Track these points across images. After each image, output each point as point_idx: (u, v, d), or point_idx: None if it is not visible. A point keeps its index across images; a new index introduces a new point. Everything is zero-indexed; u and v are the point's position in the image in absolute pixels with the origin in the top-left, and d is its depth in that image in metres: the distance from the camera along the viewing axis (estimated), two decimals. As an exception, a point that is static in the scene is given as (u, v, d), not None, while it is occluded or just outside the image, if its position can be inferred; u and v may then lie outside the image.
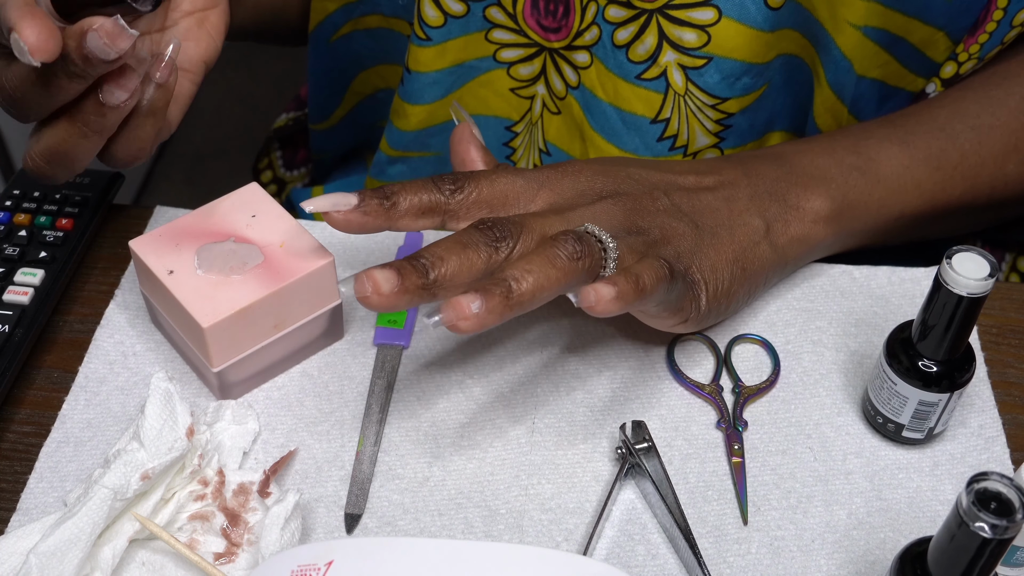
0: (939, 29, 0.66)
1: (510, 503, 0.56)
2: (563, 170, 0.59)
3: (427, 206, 0.55)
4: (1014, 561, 0.50)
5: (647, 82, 0.68)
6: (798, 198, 0.62)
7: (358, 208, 0.54)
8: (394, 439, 0.58)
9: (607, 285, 0.48)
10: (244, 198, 0.61)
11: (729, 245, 0.59)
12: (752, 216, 0.61)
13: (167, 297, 0.57)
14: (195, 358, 0.59)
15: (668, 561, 0.54)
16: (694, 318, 0.57)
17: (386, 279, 0.49)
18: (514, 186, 0.57)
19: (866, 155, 0.64)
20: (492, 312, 0.48)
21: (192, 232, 0.59)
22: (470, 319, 0.48)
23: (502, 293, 0.48)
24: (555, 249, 0.50)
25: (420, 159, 0.78)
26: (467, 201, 0.56)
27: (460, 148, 0.60)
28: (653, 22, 0.66)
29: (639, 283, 0.50)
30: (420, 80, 0.73)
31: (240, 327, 0.56)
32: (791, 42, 0.67)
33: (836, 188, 0.63)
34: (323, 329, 0.61)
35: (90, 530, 0.50)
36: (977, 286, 0.50)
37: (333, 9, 0.77)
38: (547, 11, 0.68)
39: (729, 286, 0.59)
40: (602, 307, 0.48)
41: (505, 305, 0.48)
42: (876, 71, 0.67)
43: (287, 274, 0.57)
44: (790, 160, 0.64)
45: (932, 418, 0.56)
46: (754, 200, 0.61)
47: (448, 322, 0.48)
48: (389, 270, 0.49)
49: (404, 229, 0.56)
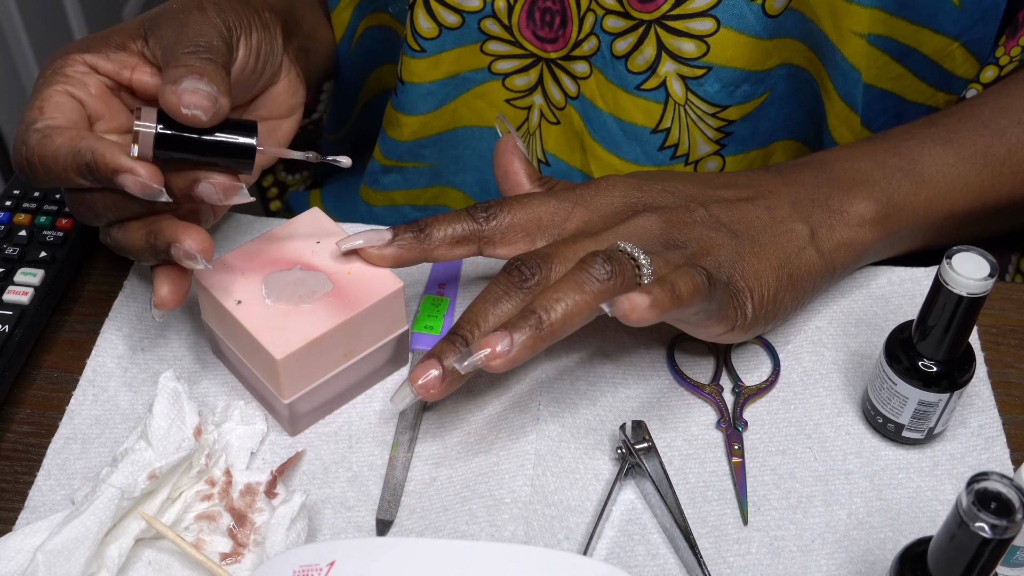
0: (953, 39, 0.65)
1: (515, 492, 0.56)
2: (596, 187, 0.59)
3: (461, 236, 0.56)
4: (1014, 561, 0.50)
5: (647, 92, 0.68)
6: (841, 203, 0.61)
7: (393, 242, 0.56)
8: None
9: (641, 294, 0.48)
10: (307, 223, 0.60)
11: (772, 252, 0.58)
12: (795, 222, 0.60)
13: (235, 328, 0.56)
14: (263, 389, 0.58)
15: (668, 561, 0.54)
16: (740, 326, 0.56)
17: (430, 376, 0.52)
18: (547, 208, 0.57)
19: (909, 156, 0.63)
20: (524, 347, 0.49)
21: (257, 260, 0.58)
22: (500, 357, 0.49)
23: (532, 326, 0.49)
24: (584, 273, 0.50)
25: (415, 169, 0.78)
26: (501, 226, 0.57)
27: (503, 160, 0.60)
28: (651, 33, 0.66)
29: (675, 291, 0.49)
30: (414, 91, 0.73)
31: (311, 358, 0.55)
32: (793, 52, 0.67)
33: (880, 191, 0.62)
34: (390, 356, 0.60)
35: (97, 529, 0.50)
36: (977, 286, 0.50)
37: (349, 14, 0.77)
38: (543, 22, 0.69)
39: (776, 292, 0.58)
40: (637, 315, 0.48)
41: (536, 338, 0.49)
42: (889, 83, 0.67)
43: (357, 302, 0.56)
44: (830, 166, 0.63)
45: (932, 418, 0.56)
46: (796, 207, 0.60)
47: (482, 363, 0.49)
48: (431, 366, 0.52)
49: (440, 260, 0.57)
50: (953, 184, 0.63)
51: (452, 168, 0.78)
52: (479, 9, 0.69)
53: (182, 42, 0.54)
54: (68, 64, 0.56)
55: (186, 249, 0.53)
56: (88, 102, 0.56)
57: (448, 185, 0.79)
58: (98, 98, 0.56)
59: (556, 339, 0.50)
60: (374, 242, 0.57)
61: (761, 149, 0.71)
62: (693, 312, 0.52)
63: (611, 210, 0.58)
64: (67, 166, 0.52)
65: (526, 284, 0.52)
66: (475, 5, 0.69)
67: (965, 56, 0.66)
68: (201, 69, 0.52)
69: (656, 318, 0.49)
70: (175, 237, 0.53)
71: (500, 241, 0.57)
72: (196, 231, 0.53)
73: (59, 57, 0.57)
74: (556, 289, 0.50)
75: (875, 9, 0.63)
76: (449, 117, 0.75)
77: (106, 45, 0.57)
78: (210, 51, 0.53)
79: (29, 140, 0.53)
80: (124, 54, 0.57)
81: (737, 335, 0.57)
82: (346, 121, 0.86)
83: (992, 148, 0.63)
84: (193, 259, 0.53)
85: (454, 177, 0.78)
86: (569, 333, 0.50)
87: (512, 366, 0.49)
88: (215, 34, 0.55)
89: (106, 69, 0.56)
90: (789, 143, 0.72)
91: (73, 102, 0.55)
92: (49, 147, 0.52)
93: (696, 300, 0.51)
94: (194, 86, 0.51)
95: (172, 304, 0.56)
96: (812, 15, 0.64)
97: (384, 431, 0.59)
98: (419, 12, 0.69)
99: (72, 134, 0.53)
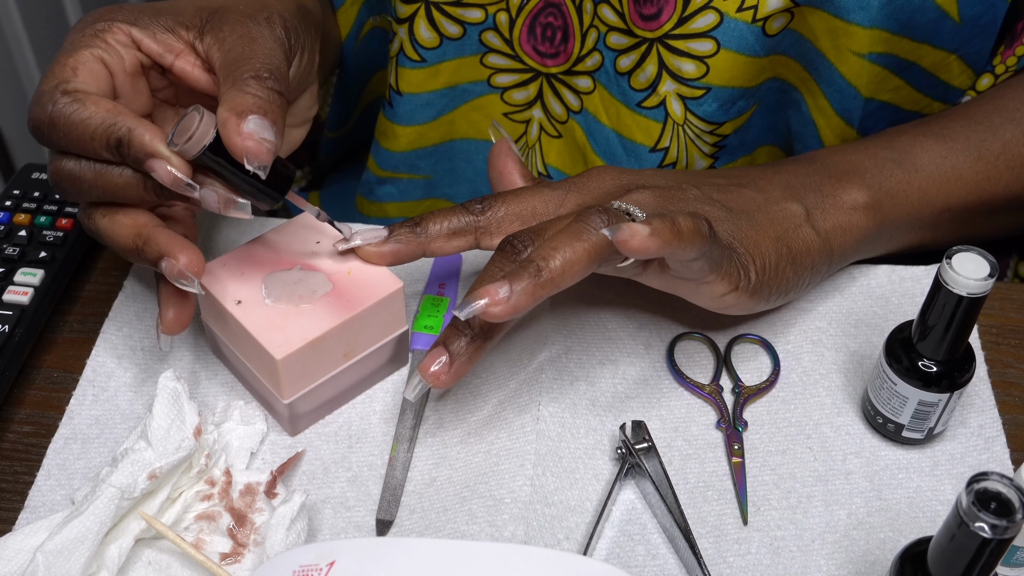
0: (951, 52, 0.65)
1: (515, 492, 0.56)
2: (588, 175, 0.59)
3: (458, 228, 0.56)
4: (1014, 561, 0.50)
5: (647, 110, 0.68)
6: (834, 189, 0.61)
7: (391, 238, 0.56)
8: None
9: (643, 224, 0.48)
10: (306, 224, 0.60)
11: (769, 227, 0.58)
12: (789, 203, 0.60)
13: (235, 328, 0.56)
14: (263, 390, 0.58)
15: (668, 561, 0.54)
16: (745, 288, 0.56)
17: (440, 363, 0.52)
18: (541, 197, 0.58)
19: (901, 149, 0.63)
20: (523, 294, 0.48)
21: (257, 261, 0.58)
22: (500, 304, 0.48)
23: (531, 274, 0.48)
24: (581, 223, 0.50)
25: (409, 181, 0.78)
26: (496, 216, 0.57)
27: (498, 162, 0.60)
28: (653, 51, 0.66)
29: (676, 224, 0.49)
30: (411, 101, 0.73)
31: (311, 358, 0.55)
32: (785, 68, 0.67)
33: (872, 178, 0.62)
34: (390, 356, 0.60)
35: (97, 529, 0.50)
36: (977, 286, 0.50)
37: (355, 12, 0.77)
38: (544, 37, 0.69)
39: (776, 263, 0.57)
40: (637, 241, 0.48)
41: (536, 285, 0.48)
42: (887, 94, 0.67)
43: (357, 302, 0.56)
44: (822, 159, 0.63)
45: (932, 418, 0.56)
46: (789, 190, 0.61)
47: (480, 310, 0.48)
48: (440, 353, 0.52)
49: (438, 253, 0.57)
50: (947, 175, 0.63)
51: (447, 180, 0.78)
52: (481, 21, 0.69)
53: (249, 60, 0.53)
54: (111, 31, 0.55)
55: (180, 268, 0.52)
56: (118, 77, 0.55)
57: (443, 198, 0.79)
58: (128, 75, 0.55)
59: (556, 288, 0.49)
60: (371, 240, 0.57)
61: (748, 155, 0.72)
62: (694, 256, 0.51)
63: (604, 191, 0.58)
64: (95, 135, 0.51)
65: (520, 257, 0.52)
66: (477, 17, 0.69)
67: (962, 68, 0.67)
68: (267, 105, 0.51)
69: (657, 248, 0.48)
70: (169, 251, 0.52)
71: (496, 231, 0.57)
72: (190, 249, 0.52)
73: (103, 19, 0.55)
74: (553, 239, 0.50)
75: (876, 30, 0.63)
76: (446, 128, 0.75)
77: (155, 24, 0.56)
78: (276, 79, 0.53)
79: (58, 100, 0.52)
80: (172, 37, 0.56)
81: (742, 299, 0.57)
82: (347, 120, 0.86)
83: (986, 143, 0.64)
84: (187, 280, 0.52)
85: (449, 189, 0.78)
86: (569, 284, 0.50)
87: (512, 314, 0.49)
88: (280, 54, 0.54)
89: (149, 48, 0.55)
90: (772, 148, 0.73)
91: (105, 72, 0.54)
92: (80, 112, 0.51)
93: (696, 241, 0.50)
94: (260, 133, 0.50)
95: (178, 329, 0.55)
96: (810, 35, 0.65)
97: (384, 431, 0.59)
98: (420, 22, 0.69)
99: (108, 106, 0.52)
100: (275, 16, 0.56)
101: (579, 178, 0.59)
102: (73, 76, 0.53)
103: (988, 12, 0.64)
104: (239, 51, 0.54)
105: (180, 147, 0.51)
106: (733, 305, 0.57)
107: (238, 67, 0.53)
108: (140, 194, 0.53)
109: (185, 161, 0.51)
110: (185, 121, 0.51)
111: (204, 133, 0.51)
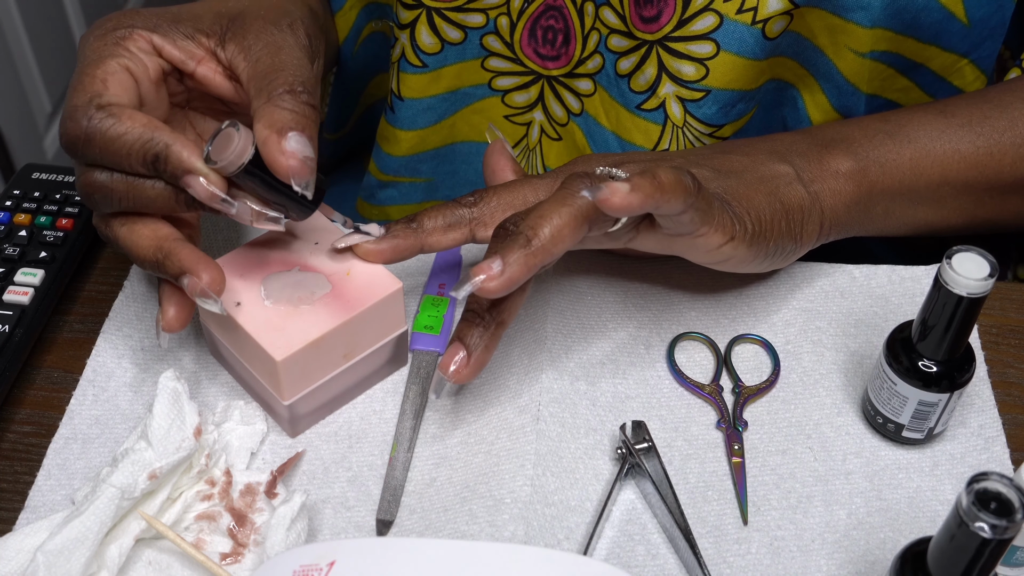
0: (962, 56, 0.65)
1: (515, 492, 0.56)
2: (575, 162, 0.60)
3: (453, 221, 0.57)
4: (1014, 561, 0.50)
5: (647, 113, 0.68)
6: (819, 155, 0.61)
7: (388, 235, 0.56)
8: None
9: (623, 182, 0.48)
10: (305, 225, 0.60)
11: (759, 184, 0.58)
12: (777, 164, 0.60)
13: (235, 330, 0.56)
14: (263, 391, 0.57)
15: (668, 561, 0.54)
16: (741, 237, 0.56)
17: (458, 360, 0.52)
18: (532, 186, 0.58)
19: (895, 122, 0.63)
20: (517, 265, 0.48)
21: (256, 262, 0.58)
22: (494, 279, 0.48)
23: (520, 245, 0.49)
24: (565, 190, 0.50)
25: (411, 184, 0.78)
26: (489, 207, 0.57)
27: (492, 160, 0.61)
28: (653, 53, 0.66)
29: (656, 178, 0.49)
30: (413, 106, 0.73)
31: (311, 359, 0.55)
32: (784, 68, 0.67)
33: (859, 147, 0.62)
34: (390, 356, 0.60)
35: (97, 529, 0.50)
36: (977, 286, 0.50)
37: (355, 15, 0.77)
38: (545, 40, 0.69)
39: (772, 216, 0.57)
40: (618, 199, 0.48)
41: (528, 255, 0.49)
42: (895, 94, 0.67)
43: (357, 303, 0.56)
44: (811, 131, 0.63)
45: (932, 418, 0.56)
46: (775, 155, 0.61)
47: (476, 286, 0.49)
48: (457, 349, 0.52)
49: (435, 247, 0.57)
50: (944, 149, 0.62)
51: (448, 183, 0.78)
52: (482, 25, 0.69)
53: (281, 72, 0.53)
54: (132, 38, 0.55)
55: (203, 287, 0.52)
56: (143, 85, 0.55)
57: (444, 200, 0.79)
58: (152, 83, 0.55)
59: (548, 256, 0.49)
60: (368, 238, 0.57)
61: None
62: (680, 209, 0.51)
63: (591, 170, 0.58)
64: (132, 151, 0.51)
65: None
66: (478, 21, 0.69)
67: (976, 74, 0.66)
68: (304, 121, 0.51)
69: (640, 203, 0.48)
70: (192, 268, 0.52)
71: (490, 222, 0.57)
72: (212, 267, 0.53)
73: (122, 25, 0.55)
74: (539, 209, 0.50)
75: (879, 29, 0.63)
76: (447, 132, 0.75)
77: (175, 30, 0.55)
78: (308, 92, 0.53)
79: (93, 115, 0.52)
80: (192, 44, 0.56)
81: (740, 249, 0.56)
82: (346, 123, 0.86)
83: (990, 118, 0.63)
84: (209, 299, 0.52)
85: (450, 192, 0.78)
86: (561, 251, 0.50)
87: (508, 287, 0.49)
88: (308, 63, 0.54)
89: (171, 55, 0.55)
90: None
91: (132, 81, 0.54)
92: (117, 128, 0.51)
93: (679, 191, 0.50)
94: (303, 151, 0.50)
95: (178, 327, 0.55)
96: (808, 33, 0.65)
97: (384, 431, 0.59)
98: (422, 28, 0.69)
99: (144, 120, 0.51)
100: (297, 22, 0.56)
101: (566, 166, 0.60)
102: (104, 89, 0.53)
103: (997, 14, 0.63)
104: (268, 62, 0.54)
105: (220, 164, 0.51)
106: (731, 257, 0.57)
107: (269, 80, 0.53)
108: (172, 206, 0.53)
109: (222, 177, 0.52)
110: (222, 137, 0.51)
111: (243, 150, 0.51)
